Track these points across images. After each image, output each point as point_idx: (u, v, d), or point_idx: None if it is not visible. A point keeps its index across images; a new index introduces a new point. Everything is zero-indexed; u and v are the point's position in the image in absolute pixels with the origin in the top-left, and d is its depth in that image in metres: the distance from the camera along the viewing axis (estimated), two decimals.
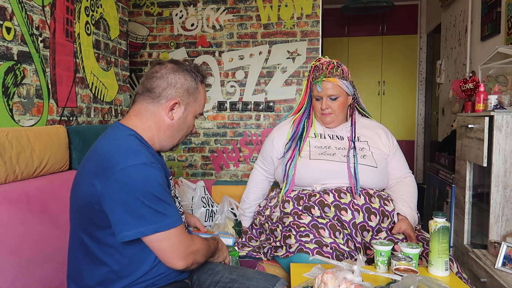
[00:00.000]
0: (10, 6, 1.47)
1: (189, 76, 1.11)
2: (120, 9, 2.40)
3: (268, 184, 1.82)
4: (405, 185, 1.61)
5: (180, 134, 1.15)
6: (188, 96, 1.11)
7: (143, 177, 0.95)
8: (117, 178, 0.93)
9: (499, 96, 1.94)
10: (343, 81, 1.59)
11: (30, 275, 1.15)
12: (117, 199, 0.93)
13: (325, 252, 1.33)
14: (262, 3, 2.96)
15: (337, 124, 1.65)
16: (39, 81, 1.64)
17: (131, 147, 1.00)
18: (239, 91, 3.04)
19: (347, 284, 0.92)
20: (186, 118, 1.13)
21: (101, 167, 0.96)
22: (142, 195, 0.94)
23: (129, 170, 0.94)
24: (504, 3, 2.35)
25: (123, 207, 0.93)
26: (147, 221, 0.94)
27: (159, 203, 0.96)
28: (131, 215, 0.94)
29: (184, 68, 1.11)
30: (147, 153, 1.00)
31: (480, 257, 1.84)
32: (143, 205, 0.94)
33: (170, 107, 1.09)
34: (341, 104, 1.61)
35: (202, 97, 1.16)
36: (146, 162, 0.96)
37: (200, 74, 1.15)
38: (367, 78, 4.90)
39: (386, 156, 1.63)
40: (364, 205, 1.46)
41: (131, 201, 0.93)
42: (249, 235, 1.73)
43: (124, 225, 0.94)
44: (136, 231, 0.94)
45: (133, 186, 0.93)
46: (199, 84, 1.14)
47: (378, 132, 1.67)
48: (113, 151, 0.98)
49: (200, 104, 1.16)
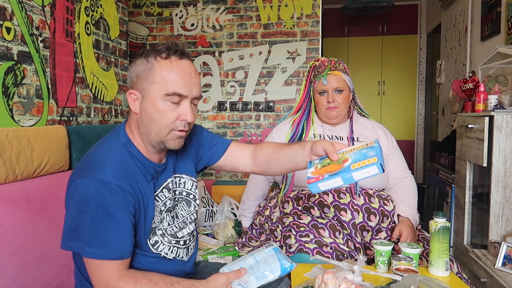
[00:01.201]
0: (10, 6, 1.47)
1: (139, 60, 0.98)
2: (120, 9, 2.40)
3: (268, 184, 1.82)
4: (404, 185, 1.61)
5: (153, 126, 0.97)
6: (141, 81, 0.96)
7: (90, 194, 0.90)
8: (74, 185, 0.92)
9: (499, 96, 1.94)
10: (346, 75, 1.62)
11: (30, 275, 1.15)
12: (68, 204, 0.94)
13: (325, 252, 1.33)
14: (262, 3, 2.96)
15: (340, 120, 1.65)
16: (39, 81, 1.64)
17: (105, 158, 0.95)
18: (239, 91, 3.04)
19: (348, 284, 0.92)
20: (148, 105, 0.96)
21: (78, 168, 0.97)
22: (82, 210, 0.90)
23: (85, 182, 0.91)
24: (504, 3, 2.35)
25: (69, 215, 0.93)
26: (78, 238, 0.91)
27: (95, 227, 0.90)
28: (69, 226, 0.93)
29: (140, 54, 0.99)
30: (116, 172, 0.93)
31: (480, 257, 1.84)
32: (80, 221, 0.91)
33: (130, 100, 0.99)
34: (345, 98, 1.62)
35: (161, 75, 0.94)
36: (104, 180, 0.90)
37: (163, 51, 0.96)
38: (367, 78, 4.90)
39: (386, 156, 1.63)
40: (363, 205, 1.46)
41: (72, 212, 0.92)
42: (249, 235, 1.73)
43: (64, 232, 0.94)
44: (68, 243, 0.93)
45: (78, 198, 0.91)
46: (155, 62, 0.95)
47: (377, 132, 1.67)
48: (91, 156, 0.98)
49: (161, 83, 0.94)
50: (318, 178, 0.92)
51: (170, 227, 1.08)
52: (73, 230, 0.91)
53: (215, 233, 1.88)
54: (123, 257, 0.93)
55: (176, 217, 1.11)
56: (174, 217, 1.10)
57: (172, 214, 1.10)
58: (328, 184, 0.90)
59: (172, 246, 1.08)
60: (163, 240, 1.05)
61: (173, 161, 1.12)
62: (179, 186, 1.13)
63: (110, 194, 0.90)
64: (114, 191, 0.91)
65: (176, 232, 1.09)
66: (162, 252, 1.05)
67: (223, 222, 1.90)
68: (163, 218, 1.06)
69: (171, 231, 1.08)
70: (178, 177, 1.13)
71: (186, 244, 1.13)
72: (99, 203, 0.90)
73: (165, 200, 1.07)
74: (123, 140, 1.01)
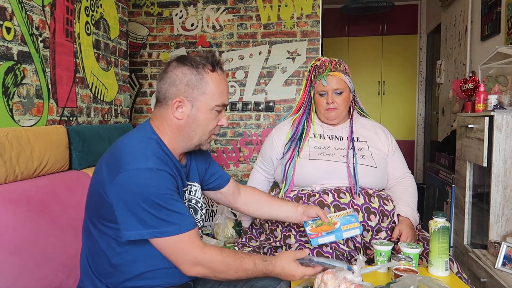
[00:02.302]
0: (10, 6, 1.47)
1: (187, 69, 1.04)
2: (120, 9, 2.40)
3: (268, 184, 1.82)
4: (404, 185, 1.61)
5: (198, 131, 1.07)
6: (191, 91, 1.04)
7: (145, 182, 0.94)
8: (121, 179, 0.94)
9: (499, 96, 1.94)
10: (346, 76, 1.62)
11: (30, 275, 1.15)
12: (121, 198, 0.95)
13: (325, 252, 1.33)
14: (262, 3, 2.96)
15: (339, 120, 1.65)
16: (39, 81, 1.64)
17: (143, 150, 0.99)
18: (239, 91, 3.04)
19: (347, 284, 0.92)
20: (198, 114, 1.05)
21: (113, 163, 0.98)
22: (142, 200, 0.94)
23: (133, 173, 0.94)
24: (504, 3, 2.35)
25: (126, 208, 0.95)
26: (146, 225, 0.94)
27: (160, 209, 0.95)
28: (133, 217, 0.95)
29: (185, 62, 1.05)
30: (157, 159, 0.98)
31: (480, 257, 1.84)
32: (143, 210, 0.94)
33: (175, 107, 1.04)
34: (345, 99, 1.62)
35: (212, 87, 1.05)
36: (152, 167, 0.95)
37: (208, 62, 1.05)
38: (367, 78, 4.90)
39: (386, 156, 1.63)
40: (363, 205, 1.46)
41: (132, 204, 0.94)
42: (249, 235, 1.73)
43: (127, 224, 0.95)
44: (136, 232, 0.95)
45: (134, 190, 0.94)
46: (205, 74, 1.04)
47: (377, 132, 1.67)
48: (127, 150, 0.99)
49: (212, 95, 1.05)
50: (317, 235, 1.24)
51: None
52: (140, 220, 0.94)
53: (215, 233, 1.88)
54: (196, 225, 1.01)
55: None
56: None
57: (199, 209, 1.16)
58: (325, 240, 1.23)
59: None
60: None
61: (190, 167, 1.19)
62: (190, 194, 1.18)
63: (160, 178, 0.96)
64: (163, 175, 0.97)
65: None
66: None
67: (223, 222, 1.90)
68: None
69: None
70: (191, 184, 1.18)
71: None
72: (155, 189, 0.94)
73: (185, 201, 1.12)
74: (154, 136, 1.06)
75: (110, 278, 1.04)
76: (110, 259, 1.02)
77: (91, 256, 1.07)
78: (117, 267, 1.03)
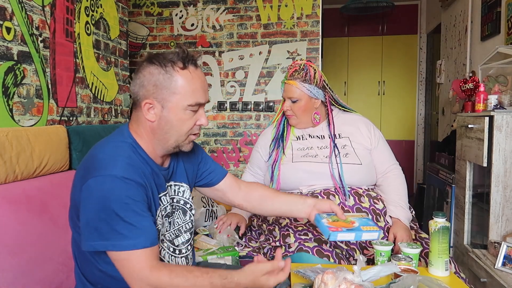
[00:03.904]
0: (10, 6, 1.47)
1: (155, 69, 0.97)
2: (120, 9, 2.40)
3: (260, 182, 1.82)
4: (392, 182, 1.57)
5: (173, 133, 1.01)
6: (160, 91, 0.97)
7: (109, 189, 0.89)
8: (88, 185, 0.91)
9: (499, 96, 1.94)
10: (303, 84, 1.57)
11: (30, 275, 1.15)
12: (84, 205, 0.92)
13: (325, 250, 1.33)
14: (262, 3, 2.96)
15: (303, 126, 1.65)
16: (39, 81, 1.64)
17: (114, 155, 0.95)
18: (239, 91, 3.04)
19: (347, 284, 0.92)
20: (169, 115, 0.99)
21: (85, 168, 0.96)
22: (103, 208, 0.89)
23: (100, 180, 0.90)
24: (504, 3, 2.35)
25: (86, 216, 0.91)
26: (101, 236, 0.89)
27: (118, 221, 0.89)
28: (89, 226, 0.91)
29: (153, 61, 0.98)
30: (127, 166, 0.93)
31: (480, 257, 1.84)
32: (101, 220, 0.89)
33: (146, 109, 0.99)
34: (301, 107, 1.60)
35: (183, 86, 0.97)
36: (117, 175, 0.90)
37: (178, 59, 0.98)
38: (367, 78, 4.90)
39: (369, 150, 1.60)
40: (354, 205, 1.46)
41: (91, 213, 0.90)
42: (248, 236, 1.73)
43: (84, 234, 0.92)
44: (90, 243, 0.90)
45: (95, 197, 0.90)
46: (175, 72, 0.97)
47: (359, 126, 1.64)
48: (99, 156, 0.96)
49: (183, 94, 0.97)
50: (337, 229, 1.13)
51: (168, 233, 1.09)
52: (95, 230, 0.90)
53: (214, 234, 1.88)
54: (154, 244, 0.93)
55: (173, 224, 1.11)
56: (171, 223, 1.10)
57: (170, 220, 1.10)
58: (344, 236, 1.13)
59: (170, 254, 1.08)
60: (163, 245, 1.06)
61: (175, 168, 1.13)
62: (177, 194, 1.13)
63: (126, 188, 0.91)
64: (129, 185, 0.91)
65: (173, 239, 1.10)
66: (164, 259, 1.06)
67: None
68: (163, 223, 1.06)
69: (169, 237, 1.09)
70: (178, 185, 1.14)
71: (182, 253, 1.13)
72: (118, 198, 0.89)
73: (166, 205, 1.07)
74: (129, 140, 1.01)
75: (102, 282, 1.02)
76: (98, 265, 1.00)
77: (81, 263, 1.05)
78: (106, 272, 1.00)
